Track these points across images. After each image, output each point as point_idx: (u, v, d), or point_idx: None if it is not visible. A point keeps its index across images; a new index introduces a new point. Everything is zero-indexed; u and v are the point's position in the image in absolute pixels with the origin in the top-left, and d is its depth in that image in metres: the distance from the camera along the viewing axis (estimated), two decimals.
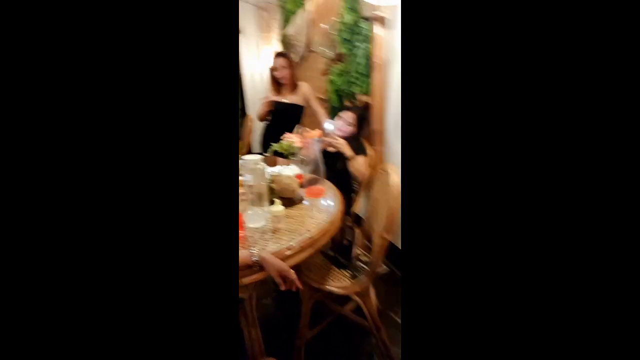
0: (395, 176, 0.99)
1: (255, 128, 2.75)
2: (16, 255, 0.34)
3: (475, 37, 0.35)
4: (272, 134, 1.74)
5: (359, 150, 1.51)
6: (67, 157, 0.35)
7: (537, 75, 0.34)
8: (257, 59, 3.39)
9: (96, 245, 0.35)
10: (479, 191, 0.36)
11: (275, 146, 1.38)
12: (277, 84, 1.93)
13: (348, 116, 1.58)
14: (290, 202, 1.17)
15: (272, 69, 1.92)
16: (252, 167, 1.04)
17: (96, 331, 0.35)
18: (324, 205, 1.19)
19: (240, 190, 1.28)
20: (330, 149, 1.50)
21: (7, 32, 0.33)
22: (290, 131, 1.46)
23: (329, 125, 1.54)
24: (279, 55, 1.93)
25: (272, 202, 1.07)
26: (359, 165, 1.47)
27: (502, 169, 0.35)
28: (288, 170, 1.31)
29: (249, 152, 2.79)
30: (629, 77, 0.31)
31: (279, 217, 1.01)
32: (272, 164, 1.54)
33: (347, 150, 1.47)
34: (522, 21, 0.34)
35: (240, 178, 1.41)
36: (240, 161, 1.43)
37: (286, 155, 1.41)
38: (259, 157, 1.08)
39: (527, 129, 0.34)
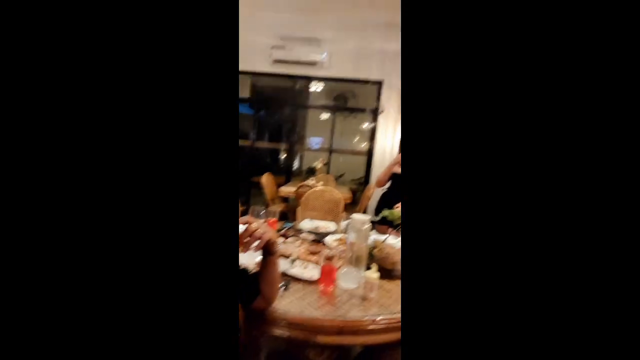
0: None
1: (374, 196, 2.81)
2: (16, 256, 0.33)
3: (476, 39, 0.36)
4: (387, 203, 1.74)
5: None
6: (65, 165, 0.35)
7: (540, 85, 0.34)
8: (392, 135, 3.63)
9: (92, 254, 0.35)
10: (480, 193, 0.36)
11: (385, 212, 1.36)
12: None
13: None
14: (388, 274, 1.08)
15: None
16: (357, 227, 1.04)
17: (91, 341, 0.35)
18: None
19: (342, 247, 1.29)
20: None
21: (7, 32, 0.33)
22: None
23: None
24: None
25: (369, 268, 1.02)
26: None
27: (505, 174, 0.36)
28: (395, 242, 1.24)
29: None
30: (629, 77, 0.32)
31: (372, 284, 0.94)
32: (383, 232, 1.50)
33: None
34: (525, 24, 0.35)
35: (343, 236, 1.43)
36: (348, 220, 1.46)
37: (395, 226, 1.35)
38: (367, 217, 1.08)
39: (528, 135, 0.35)
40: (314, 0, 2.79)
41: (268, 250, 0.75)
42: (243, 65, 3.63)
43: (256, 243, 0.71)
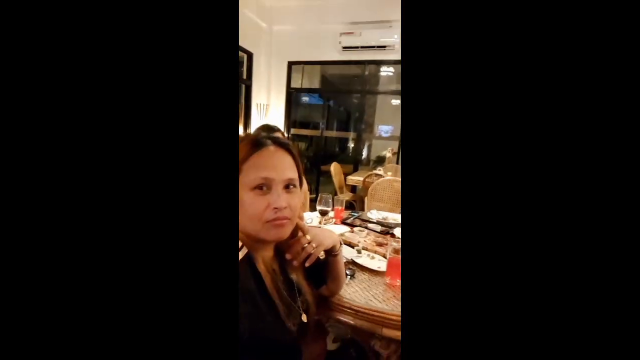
0: None
1: None
2: (15, 256, 0.33)
3: (477, 41, 0.35)
4: None
5: None
6: (62, 170, 0.35)
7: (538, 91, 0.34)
8: None
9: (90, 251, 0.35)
10: (480, 194, 0.36)
11: None
12: None
13: None
14: None
15: None
16: None
17: (91, 336, 0.34)
18: None
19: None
20: None
21: (7, 32, 0.33)
22: None
23: None
24: None
25: None
26: None
27: (507, 176, 0.35)
28: None
29: None
30: (629, 78, 0.32)
31: None
32: None
33: None
34: (529, 26, 0.34)
35: None
36: None
37: None
38: None
39: (528, 137, 0.35)
40: None
41: (329, 252, 0.71)
42: (312, 55, 3.70)
43: (310, 254, 0.63)
